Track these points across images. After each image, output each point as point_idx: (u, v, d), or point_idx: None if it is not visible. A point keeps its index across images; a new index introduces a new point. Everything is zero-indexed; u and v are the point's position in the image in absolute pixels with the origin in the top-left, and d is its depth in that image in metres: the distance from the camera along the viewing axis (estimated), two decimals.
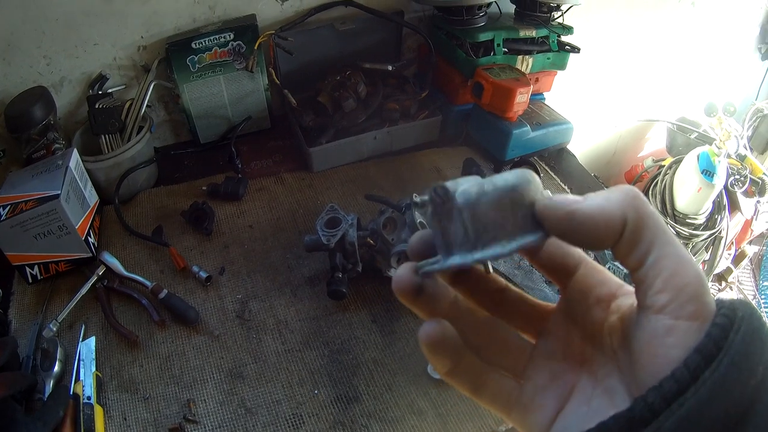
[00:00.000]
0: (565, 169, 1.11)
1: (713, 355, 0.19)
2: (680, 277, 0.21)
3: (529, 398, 0.26)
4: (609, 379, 0.24)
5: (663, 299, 0.21)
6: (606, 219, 0.22)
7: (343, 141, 1.01)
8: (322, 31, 1.05)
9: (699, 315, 0.20)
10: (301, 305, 0.80)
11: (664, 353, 0.20)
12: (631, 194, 0.22)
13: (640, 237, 0.22)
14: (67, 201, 0.79)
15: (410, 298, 0.25)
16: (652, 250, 0.21)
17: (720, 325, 0.20)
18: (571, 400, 0.25)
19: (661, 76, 1.66)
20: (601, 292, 0.26)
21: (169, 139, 1.15)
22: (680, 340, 0.20)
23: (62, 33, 0.93)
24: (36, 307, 0.80)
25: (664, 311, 0.21)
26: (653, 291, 0.21)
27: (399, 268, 0.25)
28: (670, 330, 0.20)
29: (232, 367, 0.73)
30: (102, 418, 0.67)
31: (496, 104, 0.99)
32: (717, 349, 0.19)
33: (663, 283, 0.21)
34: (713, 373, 0.19)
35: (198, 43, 0.97)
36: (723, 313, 0.20)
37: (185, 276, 0.84)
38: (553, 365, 0.27)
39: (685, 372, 0.19)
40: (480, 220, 0.23)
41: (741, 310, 0.20)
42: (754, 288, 1.86)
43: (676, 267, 0.21)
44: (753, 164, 1.66)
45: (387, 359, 0.74)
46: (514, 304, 0.28)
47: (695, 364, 0.19)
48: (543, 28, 1.06)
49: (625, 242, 0.22)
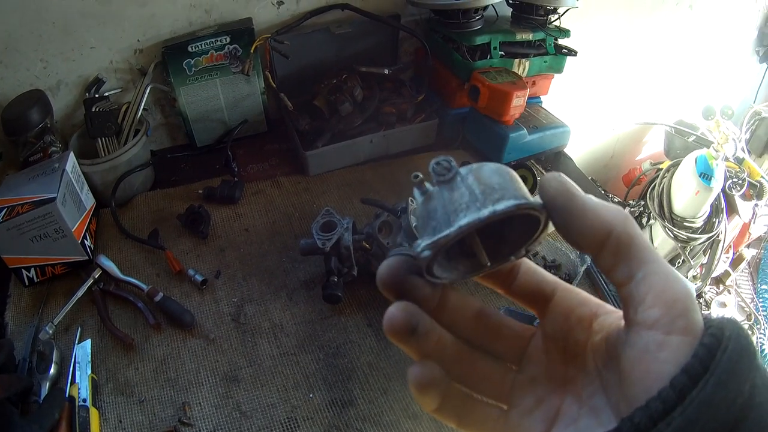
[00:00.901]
0: (563, 173, 1.11)
1: (700, 375, 0.19)
2: (670, 293, 0.21)
3: (515, 424, 0.26)
4: (594, 398, 0.25)
5: (654, 314, 0.21)
6: (595, 218, 0.23)
7: (340, 145, 1.01)
8: (318, 34, 1.05)
9: (690, 330, 0.21)
10: (296, 309, 0.80)
11: (657, 368, 0.20)
12: (624, 213, 0.23)
13: (628, 254, 0.22)
14: (63, 204, 0.79)
15: (403, 338, 0.25)
16: (641, 267, 0.22)
17: (707, 345, 0.20)
18: (558, 422, 0.25)
19: (658, 79, 1.66)
20: (581, 313, 0.26)
21: (166, 143, 1.15)
22: (672, 355, 0.20)
23: (59, 36, 0.93)
24: (32, 309, 0.80)
25: (656, 326, 0.21)
26: (644, 307, 0.21)
27: (390, 307, 0.24)
28: (662, 345, 0.21)
29: (228, 370, 0.73)
30: (97, 420, 0.67)
31: (493, 108, 1.00)
32: (704, 369, 0.19)
33: (653, 299, 0.21)
34: (699, 392, 0.19)
35: (194, 47, 0.98)
36: (711, 333, 0.20)
37: (181, 279, 0.84)
38: (537, 389, 0.27)
39: (671, 392, 0.19)
40: (485, 182, 0.23)
41: (728, 329, 0.20)
42: (752, 291, 1.86)
43: (665, 283, 0.22)
44: (751, 167, 1.66)
45: (382, 363, 0.74)
46: (494, 329, 0.28)
47: (681, 384, 0.19)
48: (540, 32, 1.06)
49: (608, 254, 0.23)
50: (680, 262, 1.71)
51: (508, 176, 0.24)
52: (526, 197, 0.23)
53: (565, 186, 0.24)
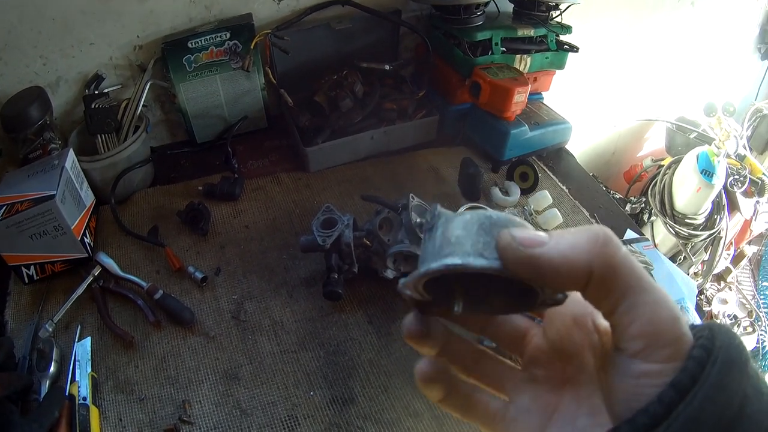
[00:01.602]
0: (564, 169, 1.11)
1: (688, 389, 0.19)
2: (655, 324, 0.21)
3: (512, 418, 0.27)
4: (593, 398, 0.25)
5: (637, 346, 0.21)
6: (569, 268, 0.21)
7: (340, 141, 1.01)
8: (318, 30, 1.04)
9: (674, 357, 0.20)
10: (296, 306, 0.80)
11: (639, 392, 0.20)
12: (601, 240, 0.21)
13: (612, 286, 0.21)
14: (62, 201, 0.79)
15: (419, 341, 0.27)
16: (624, 300, 0.21)
17: (696, 357, 0.20)
18: (556, 419, 0.26)
19: (660, 75, 1.65)
20: (583, 312, 0.26)
21: (166, 139, 1.14)
22: (654, 381, 0.20)
23: (59, 32, 0.93)
24: (32, 307, 0.80)
25: (639, 356, 0.21)
26: (627, 337, 0.21)
27: (405, 318, 0.27)
28: (645, 373, 0.21)
29: (228, 368, 0.73)
30: (97, 419, 0.67)
31: (494, 104, 0.99)
32: (692, 382, 0.19)
33: (637, 330, 0.21)
34: (687, 407, 0.19)
35: (194, 43, 0.97)
36: (701, 344, 0.20)
37: (181, 276, 0.84)
38: (536, 386, 0.27)
39: (659, 407, 0.19)
40: (446, 236, 0.23)
41: (720, 339, 0.20)
42: (753, 288, 1.86)
43: (651, 315, 0.21)
44: (752, 164, 1.66)
45: (383, 361, 0.74)
46: (497, 326, 0.29)
47: (669, 398, 0.19)
48: (541, 28, 1.05)
49: (592, 290, 0.21)
50: (681, 258, 1.70)
51: (475, 230, 0.23)
52: (474, 258, 0.22)
53: (520, 250, 0.21)
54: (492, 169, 1.06)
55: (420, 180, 1.02)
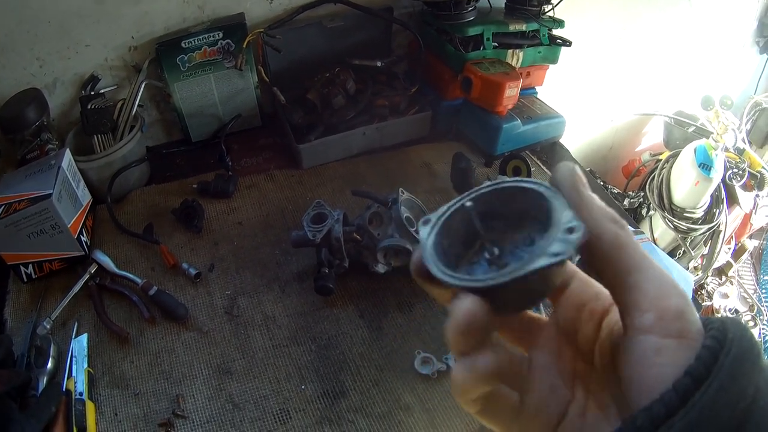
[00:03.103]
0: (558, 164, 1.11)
1: (703, 378, 0.19)
2: (664, 298, 0.21)
3: (530, 412, 0.26)
4: (601, 394, 0.25)
5: (649, 319, 0.21)
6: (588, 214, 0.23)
7: (332, 138, 1.02)
8: (310, 28, 1.05)
9: (686, 333, 0.21)
10: (288, 301, 0.80)
11: (656, 372, 0.20)
12: (621, 222, 0.24)
13: (620, 259, 0.22)
14: (59, 200, 0.80)
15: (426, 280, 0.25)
16: (633, 273, 0.22)
17: (709, 347, 0.20)
18: (569, 413, 0.25)
19: (657, 69, 1.64)
20: (593, 307, 0.26)
21: (162, 138, 1.15)
22: (670, 358, 0.20)
23: (55, 35, 0.94)
24: (31, 305, 0.81)
25: (652, 331, 0.21)
26: (639, 311, 0.22)
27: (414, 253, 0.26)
28: (660, 349, 0.21)
29: (221, 362, 0.73)
30: (93, 414, 0.68)
31: (486, 99, 0.99)
32: (707, 371, 0.19)
33: (648, 304, 0.21)
34: (702, 396, 0.19)
35: (187, 43, 0.98)
36: (712, 335, 0.20)
37: (175, 273, 0.85)
38: (551, 378, 0.26)
39: (674, 395, 0.19)
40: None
41: (731, 332, 0.20)
42: (755, 282, 1.85)
43: (659, 289, 0.22)
44: (752, 158, 1.64)
45: (374, 354, 0.74)
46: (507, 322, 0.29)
47: (685, 387, 0.19)
48: (533, 22, 1.06)
49: (598, 257, 0.23)
50: (681, 253, 1.70)
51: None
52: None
53: (573, 177, 0.24)
54: (485, 164, 1.06)
55: (412, 175, 1.03)
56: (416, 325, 0.77)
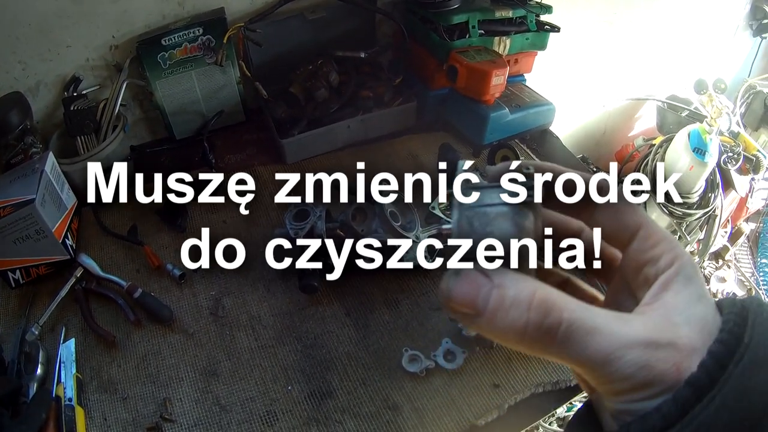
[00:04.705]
0: (548, 152, 1.09)
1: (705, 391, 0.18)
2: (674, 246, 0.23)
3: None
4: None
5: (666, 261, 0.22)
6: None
7: (316, 131, 1.00)
8: (292, 21, 1.03)
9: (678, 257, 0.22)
10: (274, 300, 0.80)
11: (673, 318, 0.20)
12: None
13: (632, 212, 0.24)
14: (42, 205, 0.79)
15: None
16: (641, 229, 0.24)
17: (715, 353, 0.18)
18: None
19: (650, 53, 1.62)
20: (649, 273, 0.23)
21: (146, 137, 1.14)
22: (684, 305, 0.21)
23: (36, 37, 0.93)
24: (19, 311, 0.81)
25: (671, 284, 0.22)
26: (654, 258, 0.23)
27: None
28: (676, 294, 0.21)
29: (207, 364, 0.73)
30: (83, 419, 0.68)
31: (472, 87, 0.98)
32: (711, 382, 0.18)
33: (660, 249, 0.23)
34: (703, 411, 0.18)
35: (168, 40, 0.96)
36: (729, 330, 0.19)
37: (160, 274, 0.84)
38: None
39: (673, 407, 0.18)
40: None
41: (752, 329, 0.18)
42: (752, 266, 1.84)
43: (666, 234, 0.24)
44: (746, 141, 1.62)
45: (361, 353, 0.74)
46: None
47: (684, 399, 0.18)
48: (520, 8, 1.03)
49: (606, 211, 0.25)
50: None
51: None
52: None
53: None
54: (473, 154, 1.05)
55: (398, 167, 1.01)
56: (403, 321, 0.77)
